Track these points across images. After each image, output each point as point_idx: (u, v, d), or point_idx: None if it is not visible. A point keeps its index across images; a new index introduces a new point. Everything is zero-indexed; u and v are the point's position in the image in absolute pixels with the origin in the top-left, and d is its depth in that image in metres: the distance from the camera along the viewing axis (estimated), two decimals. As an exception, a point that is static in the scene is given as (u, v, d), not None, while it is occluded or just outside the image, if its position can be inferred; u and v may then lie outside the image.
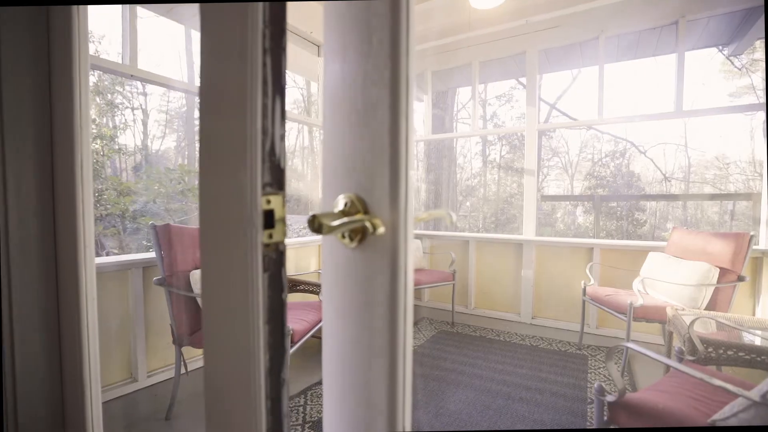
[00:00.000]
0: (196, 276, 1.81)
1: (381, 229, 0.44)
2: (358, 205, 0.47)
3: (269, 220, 0.49)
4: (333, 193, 0.49)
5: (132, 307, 2.13)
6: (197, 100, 0.51)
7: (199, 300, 1.82)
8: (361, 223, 0.45)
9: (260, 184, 0.47)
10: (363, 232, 0.46)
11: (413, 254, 0.49)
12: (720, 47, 7.68)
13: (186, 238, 1.94)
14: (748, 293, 2.51)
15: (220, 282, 0.50)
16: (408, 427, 0.46)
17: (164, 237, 1.86)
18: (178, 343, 1.83)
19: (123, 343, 2.10)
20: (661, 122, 11.12)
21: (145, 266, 2.17)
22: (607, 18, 3.04)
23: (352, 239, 0.47)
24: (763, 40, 3.12)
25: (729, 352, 1.40)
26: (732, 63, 8.05)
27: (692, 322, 1.39)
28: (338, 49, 0.49)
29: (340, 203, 0.48)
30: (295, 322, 1.84)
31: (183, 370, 1.89)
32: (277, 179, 0.50)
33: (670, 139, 11.08)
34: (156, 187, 6.97)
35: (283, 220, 0.51)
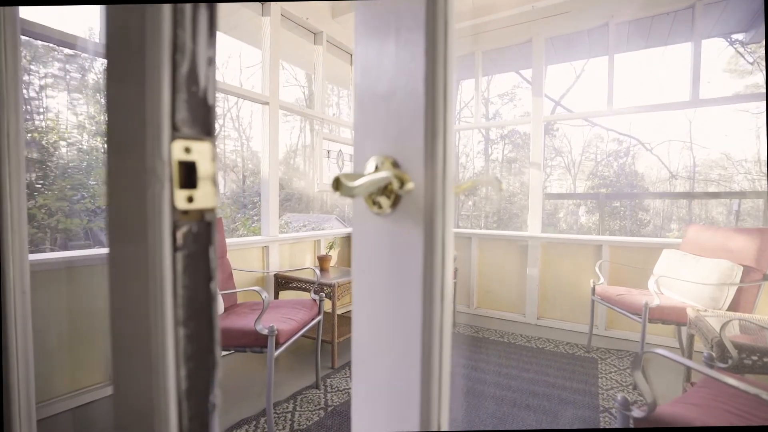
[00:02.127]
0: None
1: (410, 185, 0.39)
2: (390, 167, 0.42)
3: (189, 176, 0.34)
4: (364, 159, 0.44)
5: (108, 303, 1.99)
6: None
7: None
8: (387, 180, 0.39)
9: (169, 122, 0.32)
10: (394, 198, 0.41)
11: (453, 220, 0.42)
12: (730, 39, 7.49)
13: (165, 230, 1.80)
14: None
15: (122, 265, 0.35)
16: (445, 426, 0.41)
17: (141, 229, 1.72)
18: (155, 343, 1.68)
19: (98, 343, 1.96)
20: (666, 120, 10.95)
21: (125, 261, 2.03)
22: (618, 2, 2.88)
23: (382, 205, 0.42)
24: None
25: (765, 359, 1.25)
26: (743, 57, 7.82)
27: (724, 326, 1.24)
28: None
29: (370, 166, 0.43)
30: (281, 321, 1.69)
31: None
32: (202, 120, 0.35)
33: (675, 136, 10.95)
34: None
35: (212, 180, 0.36)
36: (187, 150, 0.34)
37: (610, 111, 2.95)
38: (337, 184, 0.37)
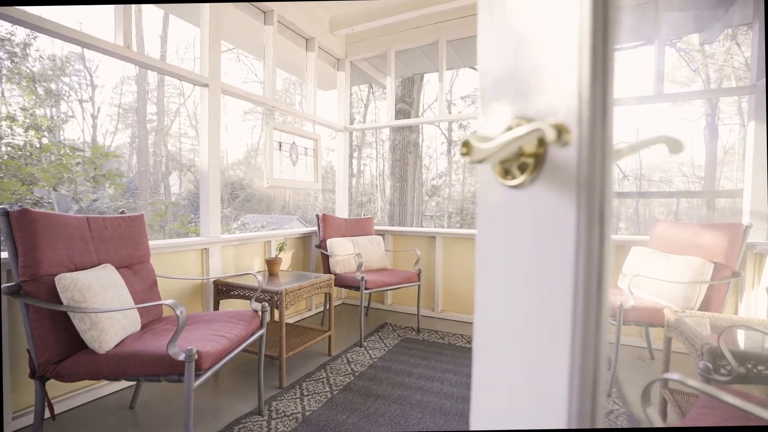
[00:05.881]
0: (65, 281, 1.30)
1: (568, 136, 0.30)
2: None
3: None
4: (492, 124, 0.36)
5: (-10, 324, 1.57)
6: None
7: (70, 313, 1.31)
8: (537, 133, 0.30)
9: None
10: (534, 164, 0.32)
11: (612, 194, 0.32)
12: (676, 47, 7.93)
13: (56, 228, 1.42)
14: (731, 290, 2.33)
15: None
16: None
17: (22, 228, 1.33)
18: (39, 375, 1.30)
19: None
20: (619, 122, 11.60)
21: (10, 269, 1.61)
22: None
23: (527, 165, 0.33)
24: (732, 29, 3.02)
25: (759, 367, 1.12)
26: (687, 63, 8.29)
27: (723, 331, 1.10)
28: None
29: (502, 129, 0.36)
30: (208, 340, 1.37)
31: (47, 414, 1.37)
32: None
33: (625, 138, 11.64)
34: (65, 174, 6.03)
35: None
36: None
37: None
38: (466, 147, 0.32)
